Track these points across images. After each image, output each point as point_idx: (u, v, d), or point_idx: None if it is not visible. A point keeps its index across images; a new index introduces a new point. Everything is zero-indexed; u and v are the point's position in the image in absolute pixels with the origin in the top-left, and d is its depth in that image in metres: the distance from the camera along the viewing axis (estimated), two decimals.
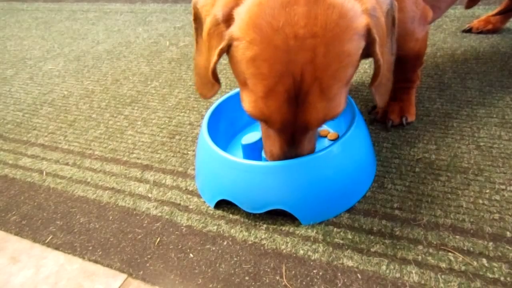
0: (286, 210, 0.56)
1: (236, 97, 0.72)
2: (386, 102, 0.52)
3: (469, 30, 1.05)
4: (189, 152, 0.76)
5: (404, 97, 0.73)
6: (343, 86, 0.42)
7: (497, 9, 1.03)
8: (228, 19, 0.41)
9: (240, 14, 0.40)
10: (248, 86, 0.42)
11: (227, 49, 0.42)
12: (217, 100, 0.71)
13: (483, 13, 1.12)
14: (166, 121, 0.87)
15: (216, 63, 0.45)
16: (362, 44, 0.41)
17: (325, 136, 0.71)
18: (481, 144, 0.66)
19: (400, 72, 0.72)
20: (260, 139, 0.63)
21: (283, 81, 0.39)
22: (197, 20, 0.49)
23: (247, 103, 0.43)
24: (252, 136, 0.63)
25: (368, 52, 0.43)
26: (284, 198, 0.55)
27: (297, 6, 0.37)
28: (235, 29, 0.40)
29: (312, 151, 0.54)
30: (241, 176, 0.56)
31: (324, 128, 0.73)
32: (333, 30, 0.38)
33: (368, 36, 0.41)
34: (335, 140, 0.66)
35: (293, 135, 0.48)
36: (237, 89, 0.73)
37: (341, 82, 0.41)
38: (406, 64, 0.70)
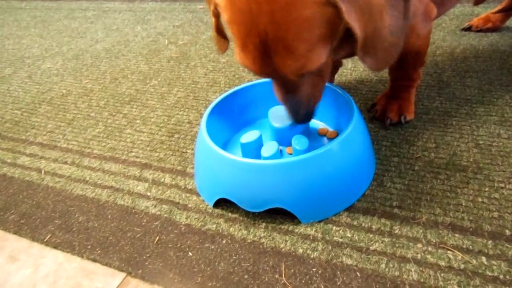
0: (285, 209, 0.55)
1: (235, 96, 0.72)
2: (384, 68, 0.54)
3: (468, 28, 1.05)
4: (188, 151, 0.76)
5: (403, 95, 0.73)
6: (313, 45, 0.46)
7: (498, 7, 1.03)
8: None
9: None
10: (234, 40, 0.49)
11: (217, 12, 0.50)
12: (216, 99, 0.71)
13: (482, 12, 1.12)
14: (165, 120, 0.87)
15: (215, 24, 0.54)
16: (327, 10, 0.44)
17: (324, 135, 0.71)
18: (480, 142, 0.66)
19: (400, 70, 0.72)
20: (259, 138, 0.63)
21: (251, 39, 0.45)
22: None
23: (235, 54, 0.50)
24: (251, 134, 0.63)
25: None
26: (283, 197, 0.55)
27: None
28: None
29: (316, 99, 0.56)
30: (240, 174, 0.56)
31: (323, 126, 0.73)
32: None
33: (333, 6, 0.44)
34: (334, 138, 0.66)
35: (282, 83, 0.52)
36: (236, 88, 0.73)
37: (307, 42, 0.45)
38: (406, 60, 0.70)
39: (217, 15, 0.53)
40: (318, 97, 0.57)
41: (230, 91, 0.72)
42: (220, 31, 0.56)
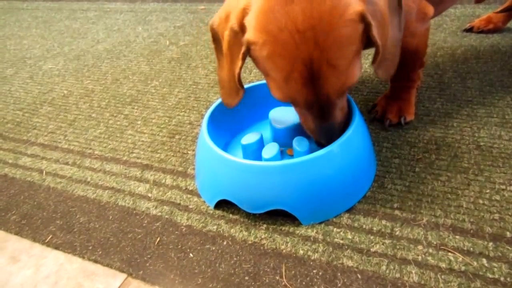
0: (286, 210, 0.55)
1: None
2: (391, 76, 0.58)
3: (470, 30, 1.05)
4: (189, 152, 0.76)
5: (403, 96, 0.73)
6: (351, 60, 0.48)
7: (502, 7, 1.02)
8: (242, 28, 0.49)
9: (251, 22, 0.47)
10: (271, 76, 0.51)
11: (248, 52, 0.50)
12: (216, 100, 0.71)
13: (484, 13, 1.12)
14: (166, 121, 0.87)
15: (241, 67, 0.52)
16: (359, 27, 0.47)
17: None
18: (481, 144, 0.66)
19: (400, 70, 0.72)
20: (260, 139, 0.63)
21: (296, 69, 0.47)
22: (216, 39, 0.57)
23: (273, 90, 0.51)
24: (252, 136, 0.63)
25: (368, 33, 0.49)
26: (284, 198, 0.55)
27: (294, 5, 0.44)
28: (249, 35, 0.48)
29: (344, 118, 0.58)
30: (241, 176, 0.56)
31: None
32: (327, 19, 0.44)
33: (364, 22, 0.47)
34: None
35: (321, 109, 0.53)
36: None
37: (347, 58, 0.48)
38: (405, 60, 0.70)
39: (245, 57, 0.51)
40: (345, 115, 0.59)
41: None
42: (239, 79, 0.55)
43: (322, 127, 0.55)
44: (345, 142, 0.56)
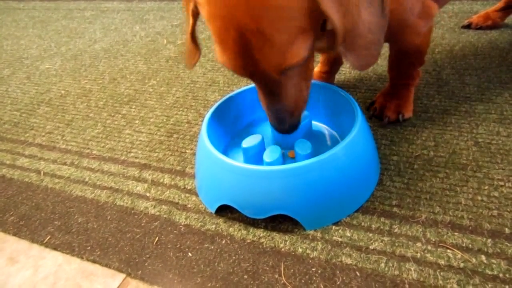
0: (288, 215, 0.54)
1: (236, 98, 0.72)
2: (367, 67, 0.52)
3: (468, 26, 1.05)
4: (187, 151, 0.75)
5: (402, 93, 0.73)
6: (292, 38, 0.44)
7: (498, 4, 1.02)
8: None
9: None
10: (214, 39, 0.48)
11: (197, 10, 0.48)
12: (215, 101, 0.70)
13: (482, 9, 1.12)
14: (164, 120, 0.86)
15: (193, 26, 0.51)
16: (303, 2, 0.43)
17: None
18: (480, 140, 0.66)
19: (399, 68, 0.72)
20: (261, 142, 0.62)
21: (229, 34, 0.44)
22: None
23: (216, 54, 0.49)
24: (253, 139, 0.63)
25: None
26: (286, 203, 0.54)
27: None
28: None
29: (300, 104, 0.53)
30: (242, 181, 0.54)
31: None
32: None
33: None
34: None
35: (266, 86, 0.50)
36: (237, 90, 0.72)
37: (286, 33, 0.44)
38: (406, 59, 0.69)
39: (195, 15, 0.50)
40: (303, 103, 0.54)
41: (231, 94, 0.71)
42: (193, 37, 0.54)
43: (271, 107, 0.52)
44: (349, 144, 0.54)
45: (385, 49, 1.01)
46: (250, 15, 0.42)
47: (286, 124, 0.53)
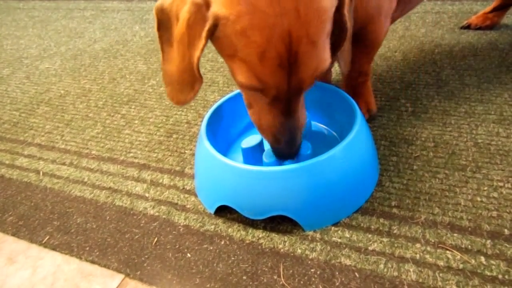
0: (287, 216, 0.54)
1: (235, 99, 0.71)
2: (348, 70, 0.56)
3: (467, 27, 1.05)
4: (186, 151, 0.75)
5: (364, 91, 0.75)
6: (326, 40, 0.45)
7: (492, 5, 1.03)
8: (206, 3, 0.43)
9: None
10: (239, 57, 0.44)
11: (213, 30, 0.44)
12: (215, 102, 0.70)
13: (481, 9, 1.11)
14: (163, 120, 0.86)
15: (203, 49, 0.45)
16: (335, 3, 0.44)
17: None
18: (479, 141, 0.66)
19: (357, 66, 0.72)
20: (260, 142, 0.62)
21: (274, 44, 0.41)
22: (162, 25, 0.49)
23: (241, 75, 0.45)
24: (252, 139, 0.62)
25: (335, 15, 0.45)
26: (286, 204, 0.54)
27: None
28: (218, 8, 0.42)
29: (304, 123, 0.53)
30: (242, 181, 0.54)
31: None
32: None
33: None
34: None
35: (287, 101, 0.48)
36: (236, 91, 0.72)
37: (324, 36, 0.44)
38: (362, 52, 0.69)
39: (211, 35, 0.44)
40: (304, 122, 0.53)
41: (231, 94, 0.71)
42: (198, 65, 0.48)
43: (286, 127, 0.50)
44: (348, 145, 0.54)
45: (383, 49, 1.02)
46: (300, 21, 0.41)
47: (296, 144, 0.52)
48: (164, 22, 0.49)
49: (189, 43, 0.46)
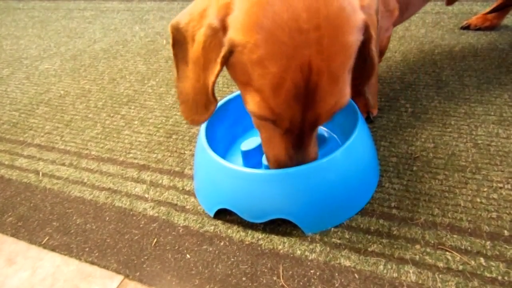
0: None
1: (234, 100, 0.71)
2: (376, 102, 0.55)
3: (467, 27, 1.05)
4: (186, 152, 0.75)
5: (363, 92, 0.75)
6: (348, 76, 0.43)
7: (491, 6, 1.03)
8: (224, 27, 0.41)
9: (237, 19, 0.40)
10: (253, 86, 0.42)
11: (229, 56, 0.42)
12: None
13: (481, 10, 1.11)
14: (163, 121, 0.86)
15: (218, 75, 0.43)
16: (360, 37, 0.42)
17: None
18: (479, 142, 0.66)
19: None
20: (260, 145, 0.62)
21: (291, 76, 0.39)
22: (178, 43, 0.48)
23: (253, 104, 0.43)
24: (252, 141, 0.62)
25: (360, 49, 0.43)
26: (286, 207, 0.53)
27: (296, 1, 0.38)
28: (234, 34, 0.40)
29: (316, 158, 0.52)
30: (241, 184, 0.54)
31: None
32: (335, 21, 0.38)
33: (365, 32, 0.42)
34: None
35: (300, 135, 0.47)
36: (236, 92, 0.72)
37: (346, 71, 0.42)
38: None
39: (225, 62, 0.43)
40: (317, 157, 0.52)
41: (230, 96, 0.71)
42: (213, 88, 0.46)
43: (294, 159, 0.48)
44: (349, 148, 0.54)
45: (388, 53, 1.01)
46: (323, 54, 0.39)
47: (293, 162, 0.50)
48: (179, 41, 0.47)
49: (204, 67, 0.44)
